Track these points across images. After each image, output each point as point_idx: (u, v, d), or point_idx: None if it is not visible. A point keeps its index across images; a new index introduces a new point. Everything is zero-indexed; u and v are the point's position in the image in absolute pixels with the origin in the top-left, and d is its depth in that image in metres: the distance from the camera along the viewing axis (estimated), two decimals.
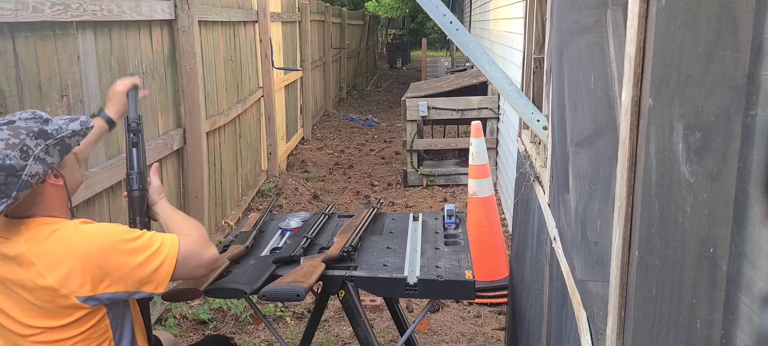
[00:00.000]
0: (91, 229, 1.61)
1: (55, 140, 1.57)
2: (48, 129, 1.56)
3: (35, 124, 1.55)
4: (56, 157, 1.57)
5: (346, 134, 9.76)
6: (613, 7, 1.38)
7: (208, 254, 1.75)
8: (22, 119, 1.55)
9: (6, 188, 1.48)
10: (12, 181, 1.48)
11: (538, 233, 2.22)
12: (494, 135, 6.26)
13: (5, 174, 1.47)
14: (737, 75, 0.64)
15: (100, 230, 1.62)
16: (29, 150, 1.51)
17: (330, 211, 2.71)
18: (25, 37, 2.32)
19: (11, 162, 1.47)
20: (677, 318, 0.79)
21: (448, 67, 12.82)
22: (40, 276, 1.52)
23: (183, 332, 3.40)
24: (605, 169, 1.32)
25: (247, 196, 5.53)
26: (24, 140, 1.51)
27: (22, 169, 1.49)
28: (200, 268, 1.74)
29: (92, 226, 1.63)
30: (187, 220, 1.87)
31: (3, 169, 1.47)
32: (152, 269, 1.61)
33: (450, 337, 3.44)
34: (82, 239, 1.57)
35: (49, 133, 1.56)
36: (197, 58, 3.95)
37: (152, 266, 1.61)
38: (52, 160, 1.56)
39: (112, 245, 1.58)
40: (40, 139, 1.54)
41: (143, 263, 1.60)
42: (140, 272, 1.60)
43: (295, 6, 8.38)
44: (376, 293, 2.20)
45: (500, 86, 2.26)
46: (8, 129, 1.51)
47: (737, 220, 0.63)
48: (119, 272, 1.58)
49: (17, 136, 1.51)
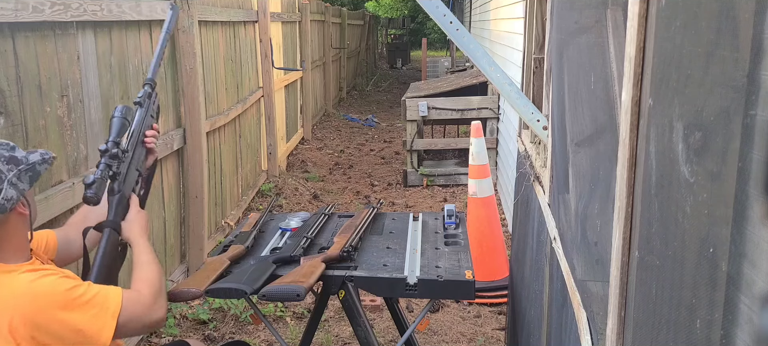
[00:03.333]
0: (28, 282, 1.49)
1: (27, 166, 1.52)
2: (17, 156, 1.52)
3: (4, 150, 1.51)
4: (27, 184, 1.53)
5: (346, 134, 9.76)
6: (613, 7, 1.38)
7: (154, 316, 1.65)
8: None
9: None
10: None
11: (538, 233, 2.22)
12: (494, 135, 6.26)
13: None
14: (737, 75, 0.64)
15: (39, 284, 1.50)
16: (2, 174, 1.47)
17: (330, 211, 2.71)
18: (25, 37, 2.31)
19: None
20: (677, 318, 0.79)
21: (448, 67, 12.82)
22: None
23: (183, 332, 3.40)
24: (605, 169, 1.32)
25: (247, 196, 5.53)
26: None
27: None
28: (143, 330, 1.66)
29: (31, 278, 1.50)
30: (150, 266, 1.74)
31: None
32: (92, 332, 1.51)
33: (450, 337, 3.44)
34: (18, 293, 1.47)
35: (20, 159, 1.52)
36: (197, 58, 3.95)
37: (93, 328, 1.52)
38: (22, 187, 1.51)
39: (52, 301, 1.48)
40: (12, 164, 1.50)
41: (81, 323, 1.50)
42: (79, 335, 1.50)
43: (295, 6, 8.38)
44: (376, 293, 2.20)
45: (500, 86, 2.26)
46: None
47: (737, 220, 0.63)
48: (56, 332, 1.47)
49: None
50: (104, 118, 2.91)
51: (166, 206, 3.70)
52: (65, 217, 2.40)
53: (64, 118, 2.57)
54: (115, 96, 3.03)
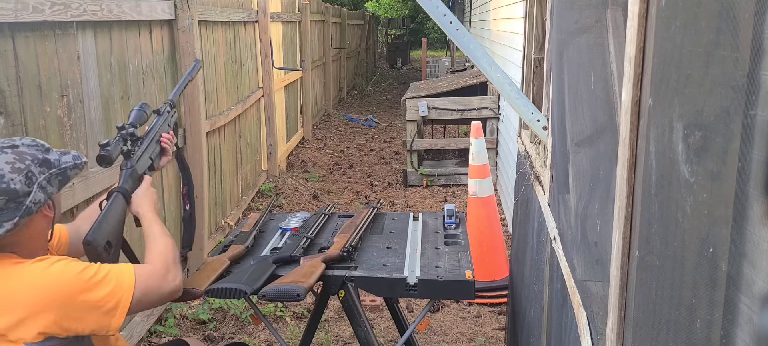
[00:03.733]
0: (42, 270, 1.51)
1: (58, 171, 1.55)
2: (50, 158, 1.54)
3: (38, 151, 1.53)
4: (55, 188, 1.54)
5: (346, 134, 9.76)
6: (613, 7, 1.38)
7: (168, 287, 1.67)
8: (25, 145, 1.52)
9: (4, 212, 1.44)
10: (12, 206, 1.44)
11: (538, 233, 2.22)
12: (494, 135, 6.26)
13: (6, 198, 1.43)
14: (737, 75, 0.64)
15: (52, 270, 1.51)
16: (33, 177, 1.48)
17: (330, 211, 2.71)
18: (25, 37, 2.31)
19: (15, 186, 1.44)
20: (677, 318, 0.79)
21: (448, 67, 12.81)
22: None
23: (183, 332, 3.40)
24: (605, 169, 1.32)
25: (247, 196, 5.53)
26: (29, 166, 1.48)
27: (26, 195, 1.46)
28: (159, 301, 1.67)
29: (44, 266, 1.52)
30: (162, 239, 1.77)
31: (6, 192, 1.43)
32: (108, 309, 1.53)
33: (450, 337, 3.44)
34: (34, 282, 1.49)
35: (52, 162, 1.54)
36: (197, 59, 3.95)
37: (108, 306, 1.53)
38: (51, 191, 1.53)
39: (66, 285, 1.50)
40: (44, 167, 1.52)
41: (98, 302, 1.52)
42: (96, 313, 1.52)
43: (295, 6, 8.38)
44: (376, 293, 2.20)
45: (500, 86, 2.26)
46: (12, 153, 1.48)
47: (737, 220, 0.63)
48: (75, 313, 1.50)
49: (22, 161, 1.48)
50: (104, 118, 2.91)
51: (166, 206, 3.70)
52: (66, 217, 2.40)
53: (64, 118, 2.57)
54: (115, 96, 3.03)
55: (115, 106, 3.02)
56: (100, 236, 1.67)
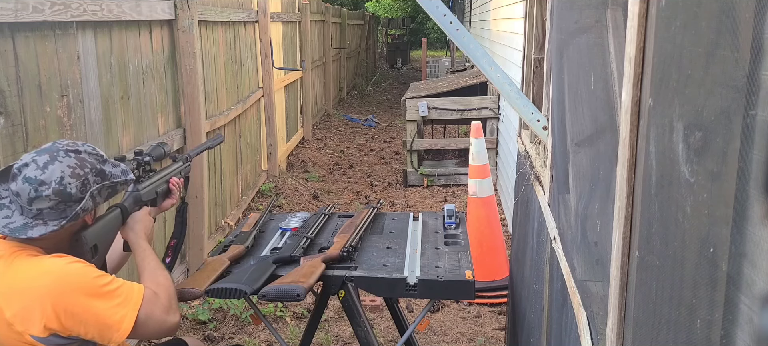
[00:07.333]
0: (59, 265, 1.51)
1: (110, 184, 1.58)
2: (105, 170, 1.57)
3: (97, 161, 1.56)
4: (103, 199, 1.57)
5: (346, 134, 9.76)
6: (613, 7, 1.38)
7: (170, 320, 1.64)
8: (86, 152, 1.55)
9: (52, 212, 1.46)
10: (61, 208, 1.47)
11: (538, 233, 2.22)
12: (494, 135, 6.26)
13: (58, 199, 1.46)
14: (737, 75, 0.64)
15: (68, 268, 1.52)
16: (88, 185, 1.51)
17: (330, 211, 2.71)
18: (25, 37, 2.31)
19: (70, 190, 1.48)
20: (677, 318, 0.79)
21: (448, 67, 12.82)
22: None
23: (183, 332, 3.40)
24: (605, 169, 1.32)
25: (247, 196, 5.53)
26: (87, 174, 1.52)
27: (78, 201, 1.49)
28: (158, 331, 1.64)
29: (61, 262, 1.53)
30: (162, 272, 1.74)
31: (60, 194, 1.45)
32: (113, 321, 1.53)
33: (450, 337, 3.44)
34: (47, 274, 1.49)
35: (107, 174, 1.57)
36: (197, 58, 3.95)
37: (114, 318, 1.53)
38: (99, 201, 1.56)
39: (78, 285, 1.50)
40: (99, 177, 1.55)
41: (105, 311, 1.51)
42: (101, 322, 1.52)
43: (295, 6, 8.38)
44: (376, 293, 2.20)
45: (500, 86, 2.26)
46: (75, 157, 1.52)
47: (737, 220, 0.63)
48: (80, 315, 1.49)
49: (83, 167, 1.51)
50: (104, 118, 2.91)
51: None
52: None
53: (64, 118, 2.57)
54: (115, 96, 3.03)
55: (115, 106, 3.02)
56: (90, 236, 1.66)
